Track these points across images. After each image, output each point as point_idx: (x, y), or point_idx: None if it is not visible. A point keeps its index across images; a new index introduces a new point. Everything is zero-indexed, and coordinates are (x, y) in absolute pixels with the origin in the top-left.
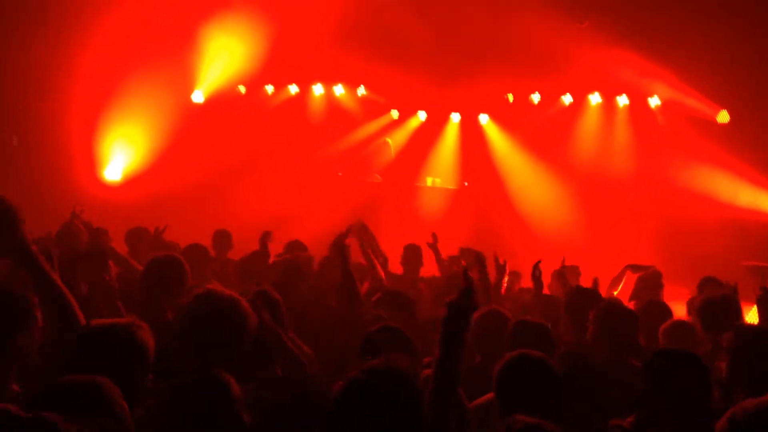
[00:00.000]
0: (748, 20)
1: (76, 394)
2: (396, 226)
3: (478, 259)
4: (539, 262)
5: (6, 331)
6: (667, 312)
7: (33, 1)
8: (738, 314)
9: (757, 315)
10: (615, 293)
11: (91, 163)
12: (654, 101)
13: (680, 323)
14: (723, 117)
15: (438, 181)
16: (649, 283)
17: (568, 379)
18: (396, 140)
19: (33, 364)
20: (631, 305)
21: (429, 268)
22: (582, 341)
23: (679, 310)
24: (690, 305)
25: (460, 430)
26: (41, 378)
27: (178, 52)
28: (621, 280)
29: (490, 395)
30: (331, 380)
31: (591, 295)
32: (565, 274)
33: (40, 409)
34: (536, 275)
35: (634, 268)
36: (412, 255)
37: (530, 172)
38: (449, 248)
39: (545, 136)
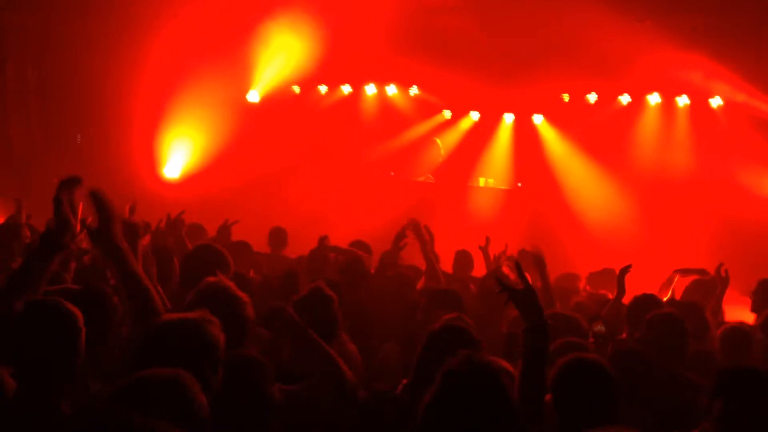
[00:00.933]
0: None
1: (159, 389)
2: (448, 227)
3: (537, 261)
4: (629, 266)
5: (96, 330)
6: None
7: (98, 5)
8: None
9: None
10: (665, 299)
11: (151, 160)
12: (716, 101)
13: (737, 329)
14: None
15: (491, 181)
16: (702, 288)
17: (626, 380)
18: (448, 140)
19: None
20: None
21: (480, 271)
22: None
23: (736, 315)
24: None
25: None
26: (120, 373)
27: (234, 53)
28: (671, 285)
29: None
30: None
31: (651, 301)
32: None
33: (124, 405)
34: (621, 280)
35: (684, 272)
36: (462, 260)
37: (586, 173)
38: (502, 249)
39: (602, 137)
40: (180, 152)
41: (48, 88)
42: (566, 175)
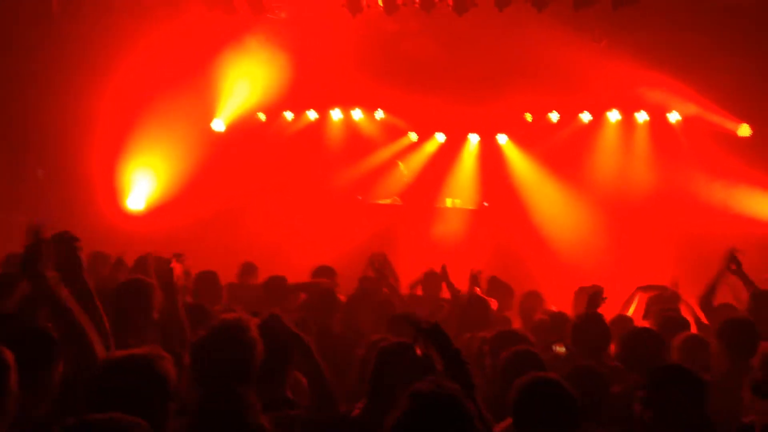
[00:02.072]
0: (766, 32)
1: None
2: (416, 248)
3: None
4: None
5: (35, 366)
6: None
7: (57, 37)
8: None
9: None
10: (628, 314)
11: (113, 193)
12: (674, 117)
13: (694, 338)
14: (744, 131)
15: (458, 202)
16: (664, 303)
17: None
18: (415, 162)
19: (54, 398)
20: (645, 324)
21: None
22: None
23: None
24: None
25: None
26: (64, 412)
27: (198, 81)
28: (632, 302)
29: (509, 421)
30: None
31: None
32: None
33: None
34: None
35: (645, 289)
36: (431, 281)
37: (550, 191)
38: (471, 268)
39: (564, 155)
40: (144, 183)
41: (6, 122)
42: (531, 193)
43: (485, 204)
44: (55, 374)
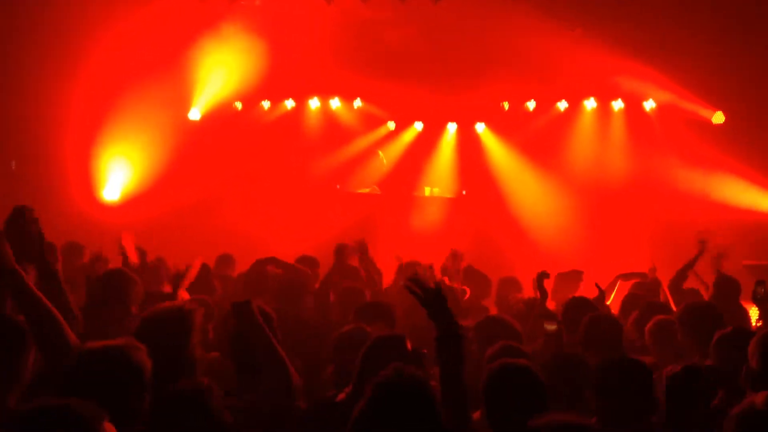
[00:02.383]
0: (740, 20)
1: (50, 419)
2: (395, 237)
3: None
4: (543, 273)
5: (5, 356)
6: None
7: (28, 25)
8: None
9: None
10: (608, 302)
11: (88, 184)
12: (649, 104)
13: (664, 322)
14: (718, 118)
15: (436, 190)
16: (643, 290)
17: (559, 381)
18: (393, 151)
19: (26, 386)
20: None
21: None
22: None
23: None
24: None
25: None
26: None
27: (173, 71)
28: (613, 289)
29: None
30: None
31: (584, 304)
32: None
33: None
34: (540, 285)
35: (625, 276)
36: (410, 270)
37: (527, 179)
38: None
39: (542, 143)
40: (119, 174)
41: None
42: (509, 181)
43: (464, 192)
44: (25, 364)
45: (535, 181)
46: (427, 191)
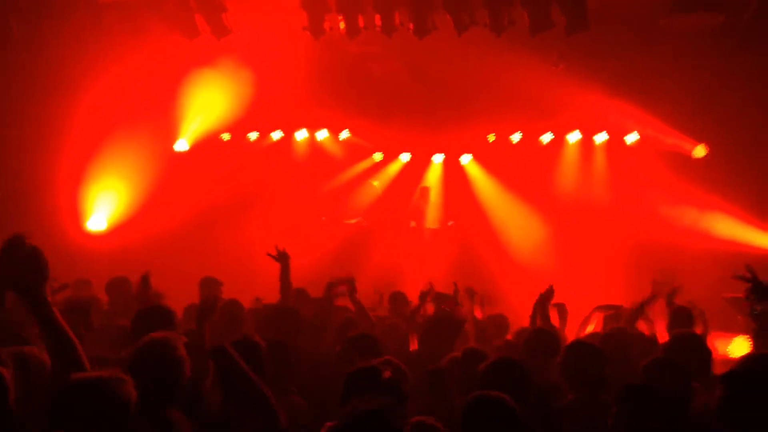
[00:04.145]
0: (720, 57)
1: None
2: (382, 268)
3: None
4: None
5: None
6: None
7: (16, 61)
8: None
9: (742, 343)
10: (584, 334)
11: (75, 214)
12: (632, 137)
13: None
14: (699, 152)
15: (424, 221)
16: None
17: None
18: (380, 182)
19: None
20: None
21: None
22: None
23: None
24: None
25: None
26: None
27: (161, 104)
28: (591, 322)
29: None
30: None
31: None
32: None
33: None
34: (543, 312)
35: (603, 308)
36: (399, 300)
37: (512, 210)
38: (436, 286)
39: (526, 174)
40: (106, 205)
41: None
42: (495, 211)
43: (450, 223)
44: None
45: (520, 211)
46: (413, 223)
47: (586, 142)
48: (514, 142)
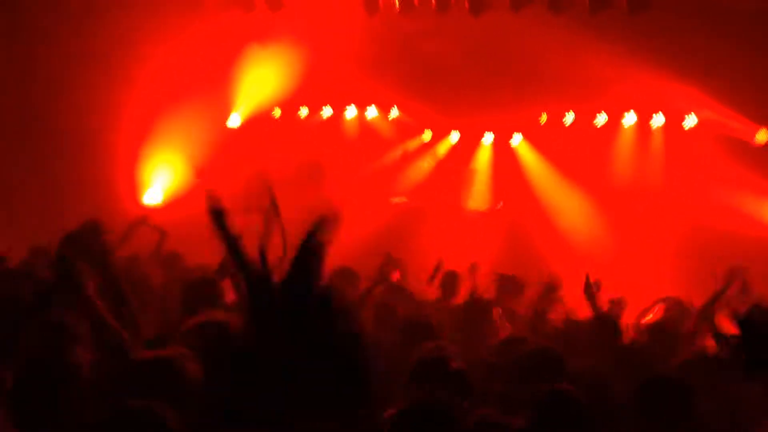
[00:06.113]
0: None
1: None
2: (430, 249)
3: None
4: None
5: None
6: None
7: (80, 35)
8: None
9: None
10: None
11: (132, 188)
12: (691, 121)
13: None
14: (761, 137)
15: (472, 202)
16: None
17: None
18: (429, 162)
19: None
20: None
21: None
22: None
23: None
24: None
25: None
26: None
27: (216, 78)
28: (651, 311)
29: None
30: None
31: None
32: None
33: None
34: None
35: (665, 301)
36: (450, 280)
37: (563, 193)
38: (484, 269)
39: (579, 157)
40: (161, 179)
41: (29, 119)
42: (545, 193)
43: (500, 205)
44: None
45: (572, 195)
46: (465, 203)
47: (642, 125)
48: (567, 125)
